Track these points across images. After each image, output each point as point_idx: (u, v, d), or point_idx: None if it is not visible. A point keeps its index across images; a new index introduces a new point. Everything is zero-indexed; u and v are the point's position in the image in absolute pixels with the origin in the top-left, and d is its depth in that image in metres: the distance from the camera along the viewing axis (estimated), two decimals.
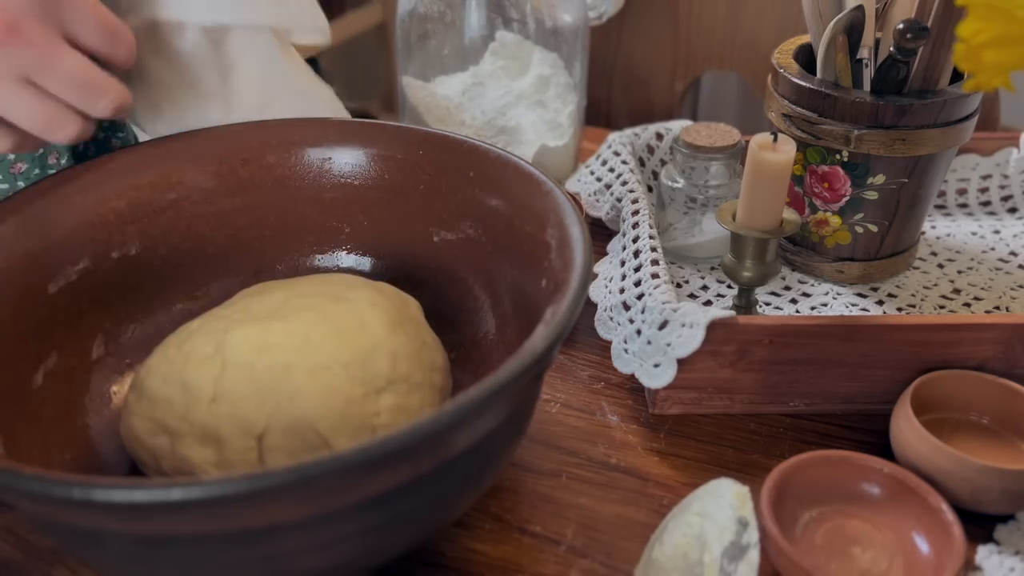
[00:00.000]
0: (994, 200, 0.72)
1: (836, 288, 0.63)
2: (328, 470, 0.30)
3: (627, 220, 0.61)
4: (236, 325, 0.44)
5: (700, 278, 0.65)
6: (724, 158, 0.63)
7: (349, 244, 0.56)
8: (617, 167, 0.68)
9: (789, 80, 0.58)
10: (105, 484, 0.30)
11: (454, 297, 0.53)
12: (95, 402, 0.48)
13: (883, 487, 0.46)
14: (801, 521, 0.45)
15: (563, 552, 0.45)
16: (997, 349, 0.51)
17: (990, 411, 0.50)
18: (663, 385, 0.51)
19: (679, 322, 0.50)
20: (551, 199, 0.47)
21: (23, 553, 0.45)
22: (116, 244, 0.51)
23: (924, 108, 0.54)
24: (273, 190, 0.55)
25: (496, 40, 0.77)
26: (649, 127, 0.72)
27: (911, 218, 0.60)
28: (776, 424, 0.53)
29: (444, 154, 0.53)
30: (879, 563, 0.43)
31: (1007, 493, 0.45)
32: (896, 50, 0.53)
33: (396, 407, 0.43)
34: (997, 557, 0.44)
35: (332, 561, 0.37)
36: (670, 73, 1.03)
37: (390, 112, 1.12)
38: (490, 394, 0.33)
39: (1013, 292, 0.62)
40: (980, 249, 0.67)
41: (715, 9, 0.98)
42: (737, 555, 0.41)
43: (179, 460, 0.42)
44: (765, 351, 0.51)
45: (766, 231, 0.53)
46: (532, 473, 0.50)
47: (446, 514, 0.41)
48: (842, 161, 0.57)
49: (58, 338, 0.47)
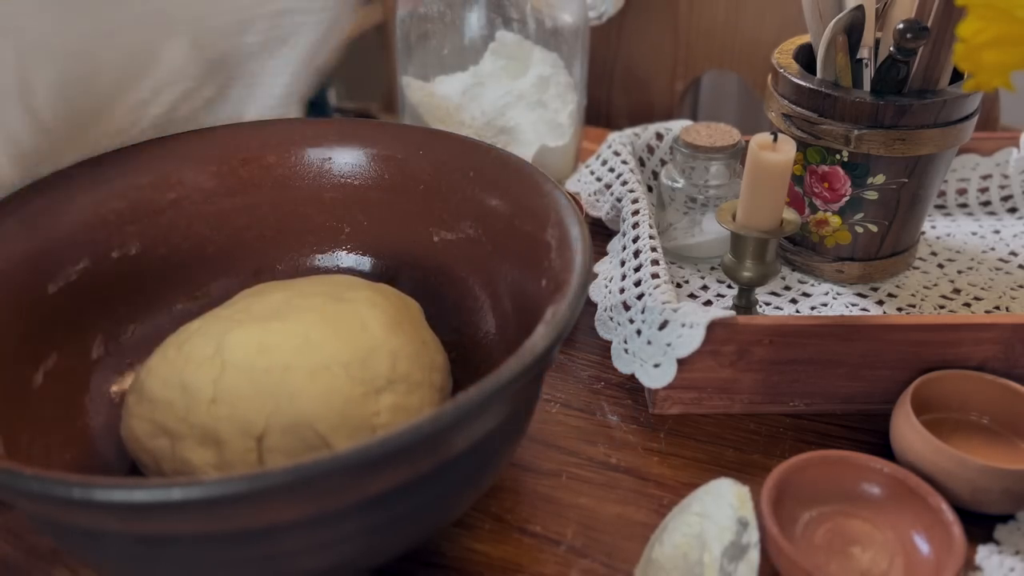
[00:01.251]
0: (994, 200, 0.72)
1: (836, 288, 0.63)
2: (328, 470, 0.30)
3: (627, 220, 0.61)
4: (235, 326, 0.44)
5: (700, 278, 0.65)
6: (724, 158, 0.63)
7: (349, 244, 0.56)
8: (617, 167, 0.68)
9: (789, 80, 0.58)
10: (105, 484, 0.30)
11: (454, 297, 0.53)
12: (95, 402, 0.48)
13: (883, 487, 0.46)
14: (801, 521, 0.45)
15: (563, 552, 0.45)
16: (997, 349, 0.51)
17: (990, 411, 0.50)
18: (663, 385, 0.51)
19: (679, 322, 0.50)
20: (551, 199, 0.47)
21: (23, 553, 0.45)
22: (116, 244, 0.51)
23: (924, 108, 0.54)
24: (273, 190, 0.55)
25: (496, 40, 0.77)
26: (649, 127, 0.72)
27: (911, 218, 0.60)
28: (776, 424, 0.53)
29: (444, 154, 0.53)
30: (879, 563, 0.43)
31: (1007, 493, 0.45)
32: (896, 50, 0.53)
33: (396, 407, 0.43)
34: (997, 557, 0.44)
35: (332, 561, 0.37)
36: (670, 73, 1.03)
37: (390, 112, 1.11)
38: (490, 394, 0.33)
39: (1013, 292, 0.62)
40: (980, 249, 0.67)
41: (715, 9, 0.98)
42: (737, 555, 0.41)
43: (179, 462, 0.42)
44: (765, 351, 0.51)
45: (766, 231, 0.53)
46: (532, 473, 0.50)
47: (446, 514, 0.41)
48: (842, 161, 0.57)
49: (58, 338, 0.47)
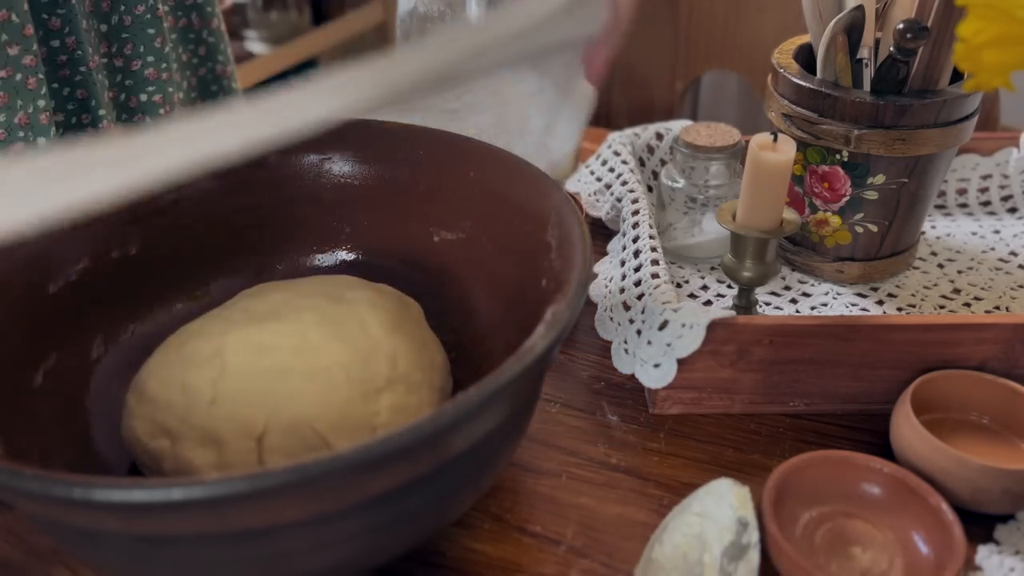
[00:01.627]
0: (994, 200, 0.72)
1: (836, 288, 0.63)
2: (328, 470, 0.30)
3: (627, 220, 0.61)
4: (235, 327, 0.44)
5: (700, 278, 0.65)
6: (724, 158, 0.63)
7: (349, 244, 0.56)
8: (617, 167, 0.68)
9: (789, 80, 0.58)
10: (105, 484, 0.30)
11: (454, 297, 0.53)
12: (95, 402, 0.48)
13: (883, 487, 0.46)
14: (801, 521, 0.45)
15: (563, 552, 0.45)
16: (997, 349, 0.51)
17: (990, 411, 0.50)
18: (663, 385, 0.51)
19: (679, 322, 0.50)
20: (551, 199, 0.47)
21: (23, 553, 0.45)
22: (116, 244, 0.51)
23: (924, 108, 0.54)
24: (273, 190, 0.55)
25: None
26: (649, 127, 0.72)
27: (911, 218, 0.60)
28: (776, 424, 0.53)
29: (444, 154, 0.53)
30: (879, 563, 0.43)
31: (1007, 493, 0.45)
32: (896, 50, 0.53)
33: (395, 407, 0.43)
34: (997, 557, 0.44)
35: (332, 561, 0.37)
36: (670, 73, 1.03)
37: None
38: (490, 394, 0.33)
39: (1013, 292, 0.62)
40: (980, 249, 0.67)
41: (715, 9, 0.98)
42: (737, 555, 0.41)
43: (179, 462, 0.42)
44: (765, 351, 0.51)
45: (766, 231, 0.53)
46: (532, 473, 0.50)
47: (446, 514, 0.41)
48: (842, 161, 0.57)
49: (58, 338, 0.47)
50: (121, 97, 0.62)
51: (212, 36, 0.69)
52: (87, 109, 0.59)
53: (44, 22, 0.56)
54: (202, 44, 0.69)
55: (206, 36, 0.69)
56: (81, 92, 0.58)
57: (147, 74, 0.61)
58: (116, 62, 0.61)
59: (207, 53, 0.69)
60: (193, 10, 0.67)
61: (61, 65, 0.57)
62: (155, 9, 0.60)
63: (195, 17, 0.68)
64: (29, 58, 0.53)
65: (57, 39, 0.56)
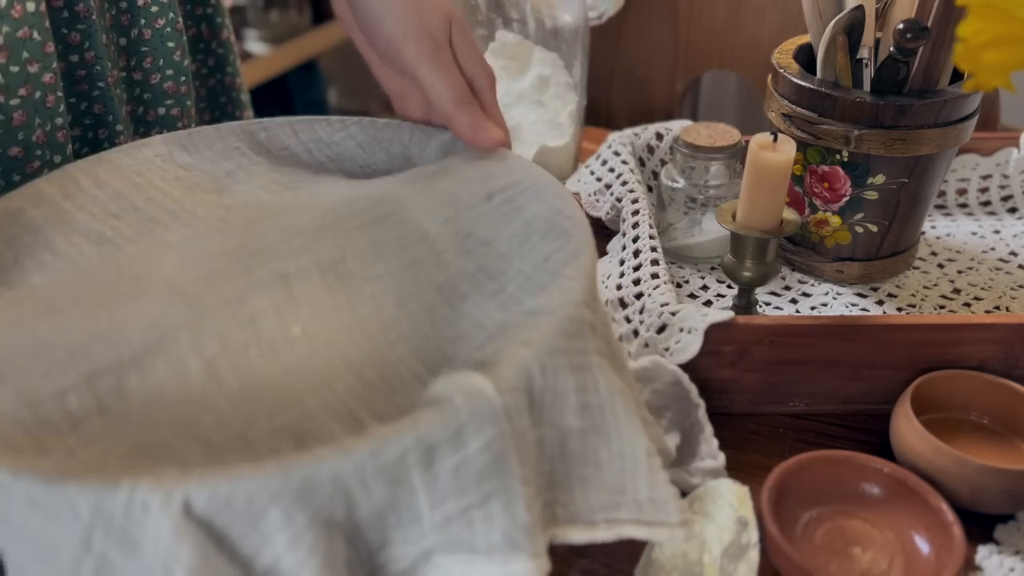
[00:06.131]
0: (994, 200, 0.72)
1: (836, 288, 0.63)
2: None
3: (627, 220, 0.61)
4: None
5: (700, 278, 0.65)
6: (724, 158, 0.63)
7: None
8: (617, 167, 0.68)
9: (789, 80, 0.58)
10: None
11: None
12: None
13: (883, 487, 0.46)
14: (801, 521, 0.45)
15: (563, 552, 0.45)
16: (997, 349, 0.51)
17: (990, 411, 0.50)
18: None
19: (677, 327, 0.50)
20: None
21: None
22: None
23: (924, 108, 0.54)
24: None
25: (496, 40, 0.77)
26: (649, 127, 0.72)
27: (911, 218, 0.60)
28: (776, 424, 0.53)
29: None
30: (879, 563, 0.43)
31: (1007, 493, 0.45)
32: (896, 50, 0.53)
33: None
34: (997, 557, 0.44)
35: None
36: (670, 73, 1.03)
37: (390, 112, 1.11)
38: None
39: (1013, 292, 0.62)
40: (980, 249, 0.67)
41: (715, 9, 0.98)
42: (737, 555, 0.41)
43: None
44: (765, 351, 0.51)
45: (766, 231, 0.53)
46: None
47: None
48: (842, 161, 0.57)
49: None
50: (139, 111, 0.62)
51: (221, 47, 0.69)
52: (104, 124, 0.59)
53: (63, 37, 0.55)
54: (211, 55, 0.68)
55: (215, 47, 0.68)
56: (98, 107, 0.58)
57: (166, 87, 0.61)
58: (135, 76, 0.60)
59: (216, 64, 0.69)
60: (203, 20, 0.67)
61: (79, 80, 0.57)
62: (175, 22, 0.60)
63: (205, 28, 0.67)
64: (49, 76, 0.52)
65: (76, 54, 0.56)
